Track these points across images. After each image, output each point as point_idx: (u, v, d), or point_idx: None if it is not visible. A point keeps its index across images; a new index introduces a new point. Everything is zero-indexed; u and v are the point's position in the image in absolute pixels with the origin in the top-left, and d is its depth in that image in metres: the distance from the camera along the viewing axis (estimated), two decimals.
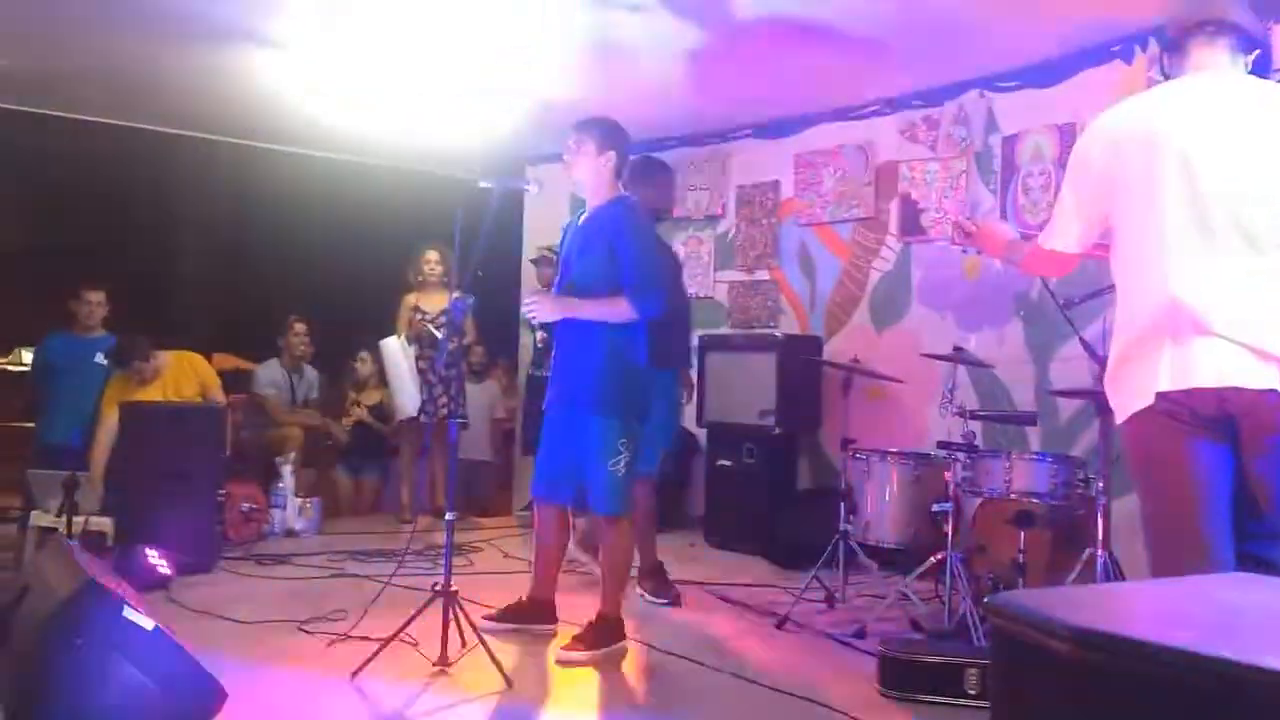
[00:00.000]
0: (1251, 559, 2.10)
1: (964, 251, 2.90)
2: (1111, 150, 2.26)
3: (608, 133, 3.47)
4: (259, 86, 5.43)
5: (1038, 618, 1.01)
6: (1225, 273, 2.08)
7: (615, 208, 3.47)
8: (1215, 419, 2.10)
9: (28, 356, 6.20)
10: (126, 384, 5.01)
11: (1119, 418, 2.25)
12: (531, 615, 3.60)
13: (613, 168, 3.48)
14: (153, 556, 3.99)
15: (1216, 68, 2.25)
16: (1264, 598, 1.18)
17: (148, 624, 2.39)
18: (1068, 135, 4.66)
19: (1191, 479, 2.14)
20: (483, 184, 3.32)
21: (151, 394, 4.99)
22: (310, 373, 6.49)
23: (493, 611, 3.62)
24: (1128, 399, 2.20)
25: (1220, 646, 0.85)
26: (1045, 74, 4.78)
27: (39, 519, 4.39)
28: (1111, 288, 2.89)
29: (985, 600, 1.24)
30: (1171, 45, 2.33)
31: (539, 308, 3.48)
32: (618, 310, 3.33)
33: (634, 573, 3.95)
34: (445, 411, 5.61)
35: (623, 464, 3.34)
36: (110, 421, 4.75)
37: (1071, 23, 4.36)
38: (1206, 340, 2.06)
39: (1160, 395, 2.10)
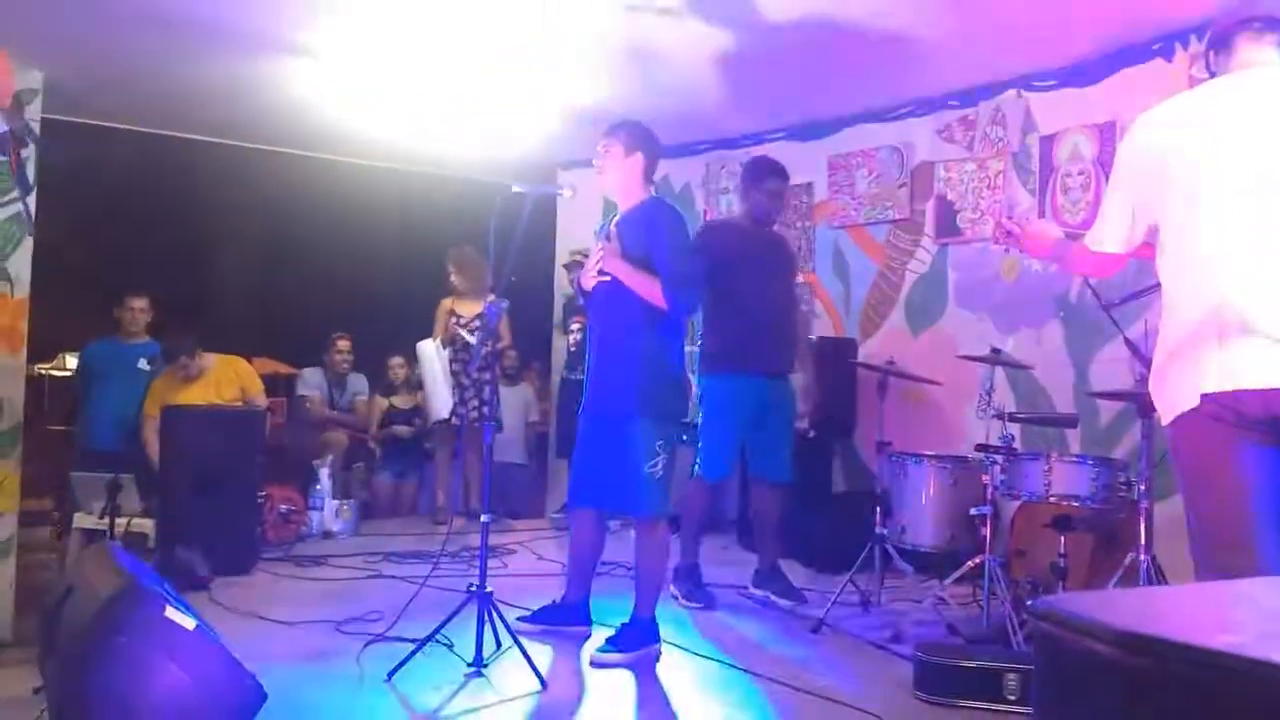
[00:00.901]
0: None
1: (1006, 251, 2.86)
2: (1157, 148, 2.23)
3: (636, 135, 3.47)
4: (294, 94, 5.50)
5: (1081, 621, 1.00)
6: (1273, 272, 2.05)
7: (647, 209, 3.46)
8: (1262, 420, 2.06)
9: (72, 362, 6.33)
10: (171, 382, 5.11)
11: (1165, 419, 2.22)
12: (566, 617, 3.61)
13: (642, 169, 3.47)
14: (193, 557, 4.05)
15: (1264, 64, 2.22)
16: None
17: (189, 623, 2.43)
18: (1107, 134, 4.59)
19: (1238, 481, 2.10)
20: (515, 189, 3.33)
21: (194, 394, 5.09)
22: (354, 380, 6.60)
23: (527, 613, 3.64)
24: (1173, 400, 2.17)
25: (1269, 650, 0.84)
26: (1084, 73, 4.72)
27: (82, 521, 4.47)
28: (1154, 288, 2.84)
29: (1028, 604, 1.22)
30: (1218, 41, 2.30)
31: (607, 259, 3.38)
32: (654, 292, 3.30)
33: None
34: (477, 415, 5.65)
35: (659, 466, 3.33)
36: (156, 420, 4.85)
37: (1111, 20, 4.30)
38: (1253, 340, 2.03)
39: (1205, 397, 2.07)
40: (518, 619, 3.54)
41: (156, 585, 2.61)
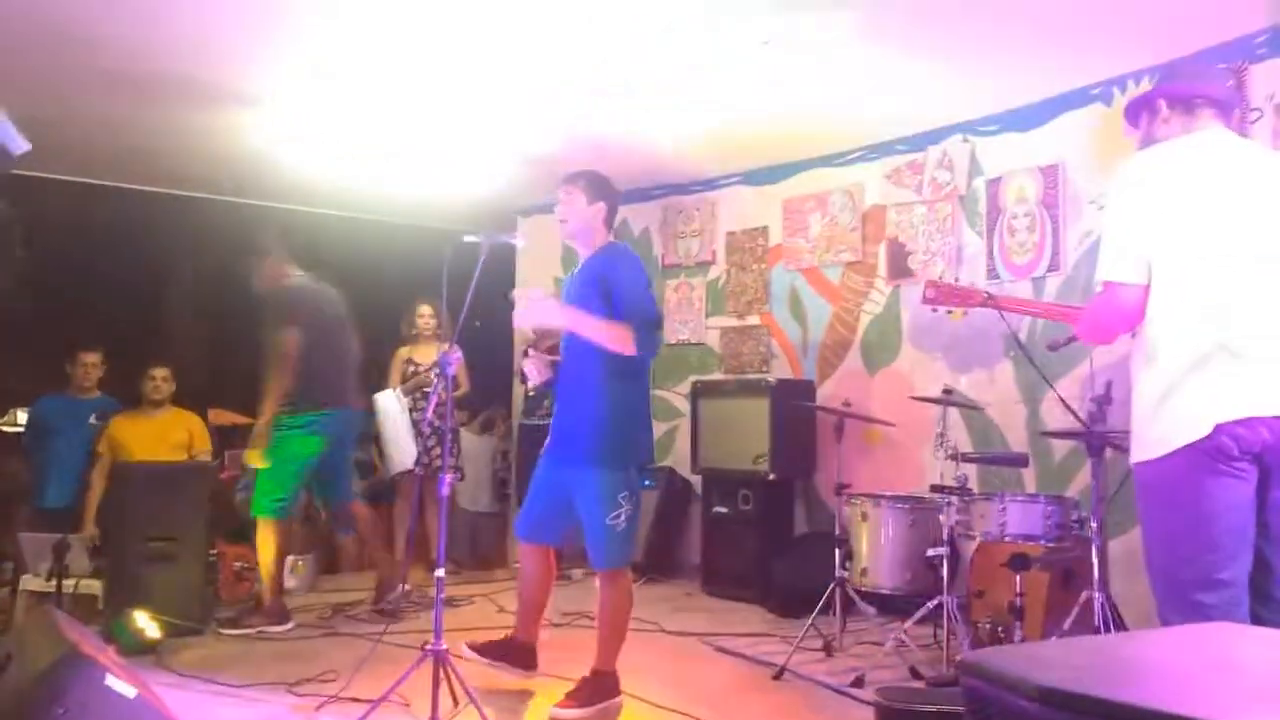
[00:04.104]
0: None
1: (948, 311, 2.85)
2: (1155, 189, 2.31)
3: (596, 183, 3.50)
4: (248, 145, 5.49)
5: (1007, 676, 1.00)
6: (1267, 304, 2.18)
7: (606, 254, 3.48)
8: (1253, 455, 2.15)
9: (24, 417, 6.20)
10: (125, 419, 5.34)
11: (1157, 451, 2.23)
12: (512, 655, 3.55)
13: (603, 218, 3.50)
14: (141, 619, 3.95)
15: (1222, 130, 2.41)
16: (1242, 651, 1.16)
17: (130, 691, 2.36)
18: (1050, 177, 4.70)
19: (1227, 520, 2.17)
20: (468, 239, 3.33)
21: (143, 432, 5.31)
22: None
23: (477, 641, 3.57)
24: (1169, 434, 2.20)
25: (1183, 705, 0.84)
26: (1026, 118, 4.84)
27: (29, 583, 4.36)
28: None
29: (958, 659, 1.23)
30: (1179, 103, 2.44)
31: (531, 309, 3.35)
32: (618, 337, 3.25)
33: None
34: (438, 464, 5.60)
35: (623, 517, 3.30)
36: (106, 460, 5.15)
37: (1050, 68, 4.42)
38: (1253, 368, 2.14)
39: (1220, 428, 2.13)
40: (466, 644, 3.50)
41: (98, 651, 2.54)
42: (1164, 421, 2.22)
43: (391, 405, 5.88)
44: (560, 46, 4.20)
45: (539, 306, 3.36)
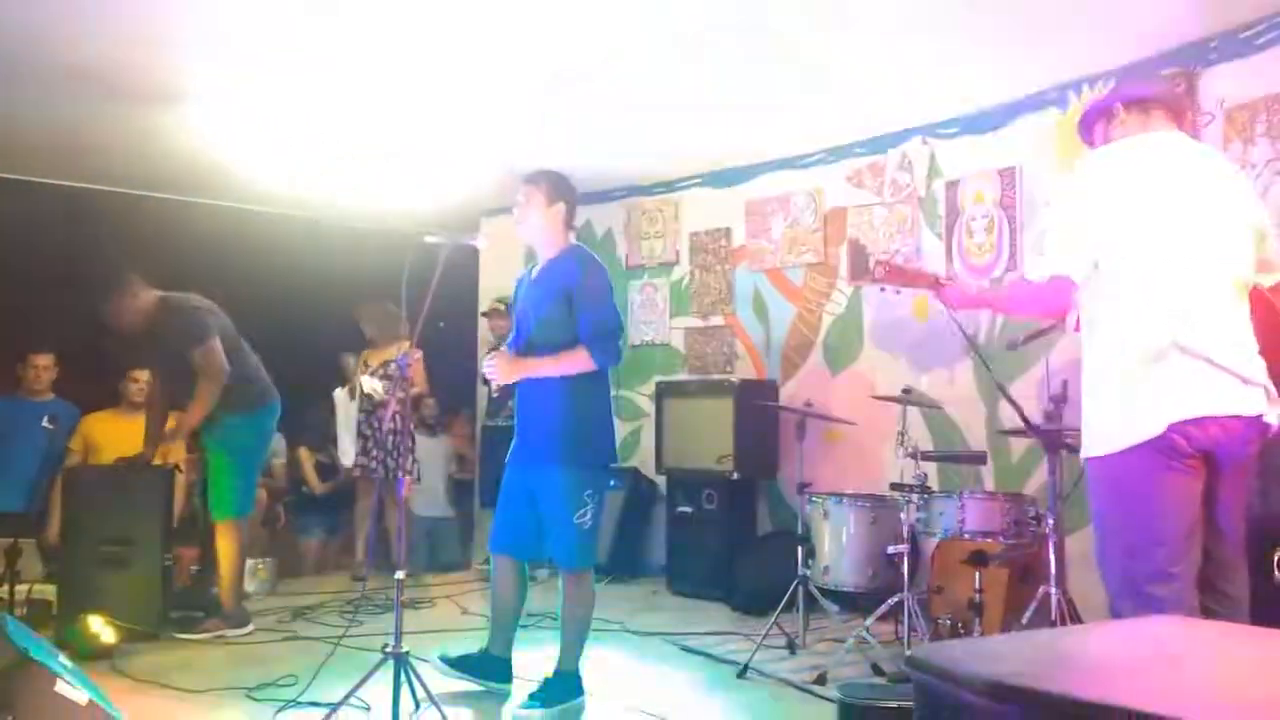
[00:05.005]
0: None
1: (882, 290, 2.86)
2: (1113, 187, 2.35)
3: (557, 184, 3.49)
4: (201, 143, 5.40)
5: (956, 671, 1.01)
6: (1224, 310, 2.24)
7: (568, 258, 3.47)
8: (1203, 452, 2.20)
9: None
10: (102, 416, 5.31)
11: (1111, 446, 2.27)
12: (485, 670, 3.53)
13: (563, 219, 3.49)
14: (96, 624, 3.88)
15: (1175, 131, 2.48)
16: (1189, 643, 1.18)
17: (82, 698, 2.32)
18: (1008, 179, 4.77)
19: (1178, 513, 2.21)
20: (428, 240, 3.31)
21: (121, 430, 5.18)
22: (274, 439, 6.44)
23: (449, 655, 3.55)
24: (1121, 431, 2.24)
25: (1130, 698, 0.86)
26: (984, 121, 4.90)
27: None
28: (1053, 328, 2.93)
29: (907, 654, 1.24)
30: (1134, 104, 2.50)
31: (496, 371, 3.40)
32: (576, 362, 3.30)
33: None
34: (395, 466, 5.58)
35: (588, 516, 3.30)
36: (78, 456, 5.16)
37: (1007, 72, 4.48)
38: (1213, 372, 2.18)
39: (1172, 426, 2.17)
40: (437, 656, 3.47)
41: (49, 658, 2.50)
42: (1118, 418, 2.26)
43: (340, 404, 5.90)
44: (526, 48, 4.19)
45: (499, 368, 3.38)
